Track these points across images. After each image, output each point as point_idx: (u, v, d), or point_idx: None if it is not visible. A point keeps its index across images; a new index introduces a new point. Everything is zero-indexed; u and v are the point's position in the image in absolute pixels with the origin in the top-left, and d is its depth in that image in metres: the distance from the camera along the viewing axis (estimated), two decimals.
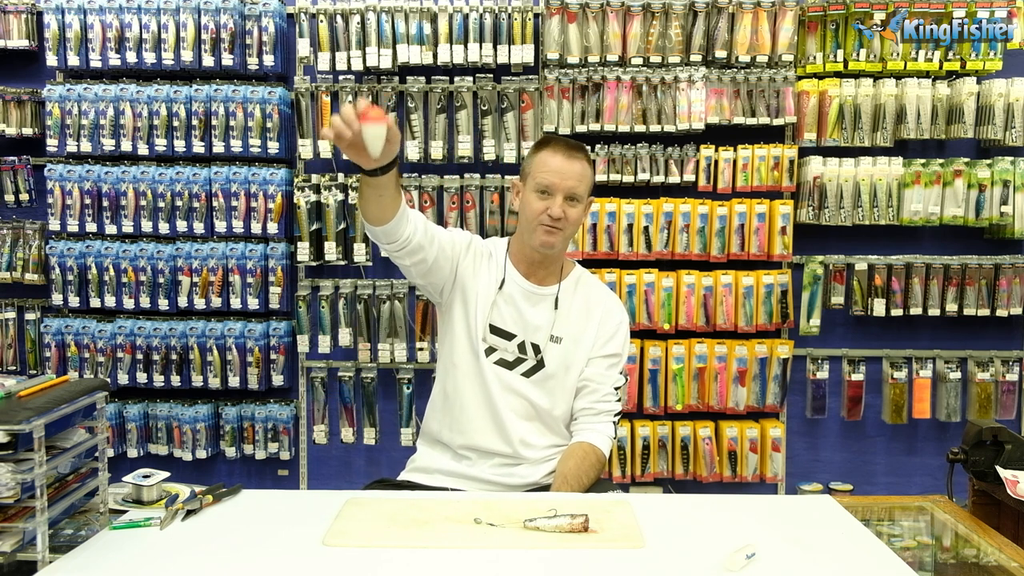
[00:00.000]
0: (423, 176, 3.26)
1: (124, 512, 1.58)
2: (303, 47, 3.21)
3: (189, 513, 1.55)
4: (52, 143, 3.29)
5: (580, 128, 3.17)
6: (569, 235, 1.93)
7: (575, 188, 1.88)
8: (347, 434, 3.34)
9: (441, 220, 3.25)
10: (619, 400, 1.97)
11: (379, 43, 3.18)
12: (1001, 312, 3.21)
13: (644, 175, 3.18)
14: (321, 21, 3.19)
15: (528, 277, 1.97)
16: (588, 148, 2.00)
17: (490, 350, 1.92)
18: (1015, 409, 3.28)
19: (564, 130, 3.17)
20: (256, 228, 3.25)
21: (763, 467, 3.24)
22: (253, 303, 3.27)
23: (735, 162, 3.20)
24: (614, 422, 1.95)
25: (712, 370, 3.22)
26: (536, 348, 1.93)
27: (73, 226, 3.29)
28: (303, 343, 3.30)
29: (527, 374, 1.93)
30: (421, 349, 3.28)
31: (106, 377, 3.28)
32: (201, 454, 3.31)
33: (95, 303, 3.30)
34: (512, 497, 1.73)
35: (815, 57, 3.19)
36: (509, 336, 1.93)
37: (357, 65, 3.19)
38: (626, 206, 3.18)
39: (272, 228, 3.25)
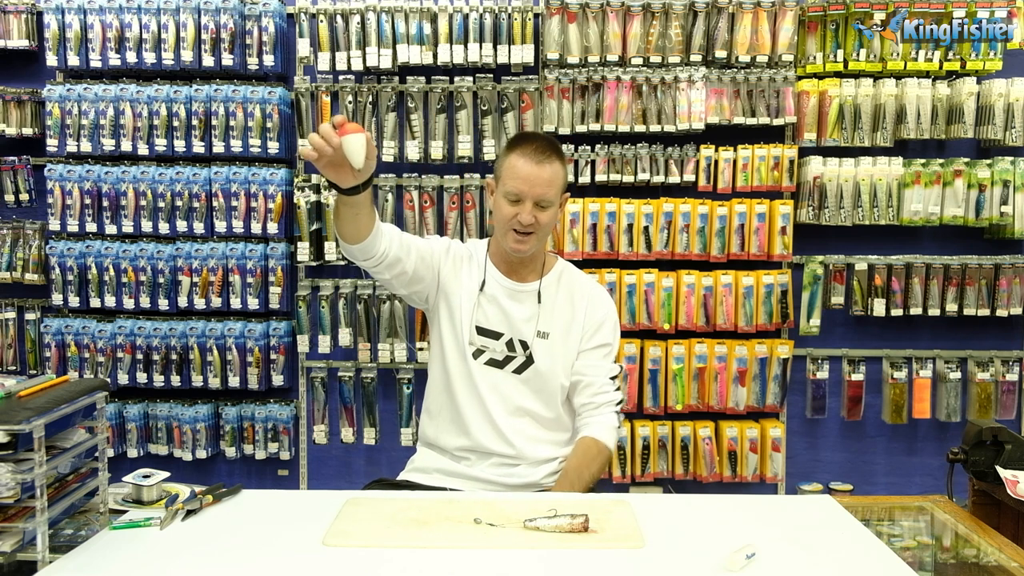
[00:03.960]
0: (423, 176, 3.26)
1: (124, 512, 1.58)
2: (303, 47, 3.21)
3: (189, 513, 1.55)
4: (52, 143, 3.29)
5: (580, 128, 3.17)
6: (543, 237, 1.93)
7: (545, 194, 1.86)
8: (347, 434, 3.33)
9: (441, 220, 3.25)
10: (618, 390, 1.97)
11: (379, 43, 3.18)
12: (1001, 312, 3.21)
13: (644, 175, 3.18)
14: (321, 21, 3.20)
15: (509, 275, 1.98)
16: (560, 145, 1.96)
17: (479, 352, 1.93)
18: (1015, 409, 3.28)
19: (564, 130, 3.17)
20: (256, 228, 3.25)
21: (763, 467, 3.24)
22: (253, 303, 3.27)
23: (735, 162, 3.19)
24: (616, 412, 1.95)
25: (712, 370, 3.22)
26: (524, 344, 1.93)
27: (73, 226, 3.29)
28: (303, 343, 3.30)
29: (518, 371, 1.93)
30: (421, 349, 3.28)
31: (106, 377, 3.28)
32: (201, 454, 3.31)
33: (95, 303, 3.30)
34: (512, 497, 1.73)
35: (815, 57, 3.19)
36: (496, 335, 1.94)
37: (357, 65, 3.19)
38: (626, 206, 3.18)
39: (272, 228, 3.25)
